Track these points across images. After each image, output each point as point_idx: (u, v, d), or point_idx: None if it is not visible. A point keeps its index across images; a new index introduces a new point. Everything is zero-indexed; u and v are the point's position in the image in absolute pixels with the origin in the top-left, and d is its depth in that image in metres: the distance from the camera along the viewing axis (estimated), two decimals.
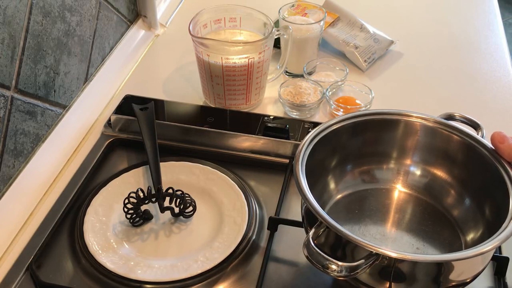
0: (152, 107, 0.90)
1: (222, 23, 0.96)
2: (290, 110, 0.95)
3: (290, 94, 0.95)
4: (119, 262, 0.71)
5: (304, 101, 0.94)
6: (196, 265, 0.71)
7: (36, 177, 0.80)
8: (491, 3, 1.30)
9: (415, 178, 0.77)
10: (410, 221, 0.74)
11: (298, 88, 0.95)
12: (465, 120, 0.76)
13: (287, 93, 0.96)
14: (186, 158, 0.85)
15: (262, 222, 0.78)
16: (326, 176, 0.75)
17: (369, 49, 1.06)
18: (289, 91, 0.96)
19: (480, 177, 0.70)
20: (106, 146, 0.88)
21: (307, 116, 0.95)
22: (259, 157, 0.87)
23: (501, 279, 0.70)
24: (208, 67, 0.90)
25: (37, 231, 0.75)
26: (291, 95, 0.95)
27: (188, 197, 0.76)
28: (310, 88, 0.96)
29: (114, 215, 0.77)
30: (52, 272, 0.71)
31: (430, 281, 0.61)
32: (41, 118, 0.81)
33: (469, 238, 0.70)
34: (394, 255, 0.57)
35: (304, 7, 1.04)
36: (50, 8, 0.79)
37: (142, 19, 1.12)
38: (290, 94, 0.95)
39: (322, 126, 0.72)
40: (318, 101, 0.94)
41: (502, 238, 0.59)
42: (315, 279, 0.71)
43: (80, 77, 0.92)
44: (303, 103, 0.93)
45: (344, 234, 0.58)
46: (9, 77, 0.73)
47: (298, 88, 0.95)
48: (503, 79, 1.06)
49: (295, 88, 0.96)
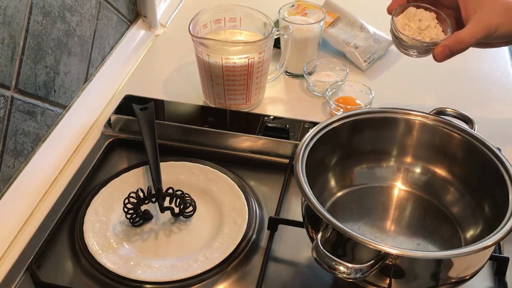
0: (152, 107, 0.90)
1: (222, 23, 0.96)
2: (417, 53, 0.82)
3: (411, 30, 0.81)
4: (119, 262, 0.71)
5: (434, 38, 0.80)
6: (196, 265, 0.71)
7: (36, 177, 0.80)
8: None
9: (415, 176, 0.77)
10: (410, 219, 0.74)
11: (416, 20, 0.81)
12: (457, 115, 0.77)
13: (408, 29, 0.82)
14: (186, 158, 0.85)
15: (262, 222, 0.78)
16: (326, 174, 0.75)
17: (369, 49, 1.06)
18: (405, 24, 0.82)
19: (480, 175, 0.70)
20: (106, 146, 0.88)
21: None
22: (259, 157, 0.87)
23: (501, 279, 0.70)
24: (208, 67, 0.90)
25: (37, 231, 0.75)
26: (412, 30, 0.81)
27: (188, 197, 0.76)
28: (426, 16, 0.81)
29: (114, 215, 0.77)
30: (52, 272, 0.71)
31: (430, 278, 0.61)
32: (41, 118, 0.81)
33: (468, 235, 0.70)
34: (412, 255, 0.58)
35: (304, 7, 1.04)
36: (50, 8, 0.80)
37: (142, 19, 1.12)
38: (410, 30, 0.81)
39: (322, 124, 0.72)
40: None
41: (501, 234, 0.59)
42: (315, 279, 0.71)
43: (80, 77, 0.92)
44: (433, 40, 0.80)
45: (353, 236, 0.58)
46: (9, 77, 0.73)
47: (416, 19, 0.81)
48: (503, 79, 1.06)
49: (411, 18, 0.82)
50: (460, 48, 0.76)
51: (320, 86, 0.99)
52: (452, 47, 0.76)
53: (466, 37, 0.75)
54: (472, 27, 0.75)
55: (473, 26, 0.75)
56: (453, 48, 0.76)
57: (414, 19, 0.80)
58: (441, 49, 0.77)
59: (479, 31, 0.75)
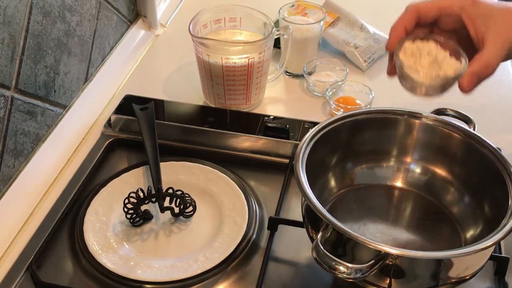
0: (152, 107, 0.90)
1: (222, 23, 0.96)
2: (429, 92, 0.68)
3: (425, 67, 0.67)
4: (119, 262, 0.71)
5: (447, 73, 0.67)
6: (196, 265, 0.71)
7: (36, 177, 0.80)
8: None
9: (415, 176, 0.77)
10: (410, 219, 0.74)
11: (425, 54, 0.68)
12: (457, 115, 0.76)
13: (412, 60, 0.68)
14: (186, 158, 0.85)
15: (262, 222, 0.78)
16: (326, 174, 0.75)
17: (369, 49, 1.06)
18: (415, 62, 0.68)
19: (480, 175, 0.70)
20: (106, 146, 0.88)
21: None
22: (259, 157, 0.87)
23: (501, 279, 0.70)
24: (208, 67, 0.90)
25: (37, 231, 0.75)
26: (427, 67, 0.67)
27: (188, 197, 0.76)
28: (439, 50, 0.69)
29: (114, 215, 0.77)
30: (52, 272, 0.71)
31: (430, 278, 0.61)
32: (41, 118, 0.81)
33: (468, 235, 0.70)
34: (413, 254, 0.58)
35: (304, 7, 1.04)
36: (50, 8, 0.79)
37: (142, 19, 1.12)
38: (424, 67, 0.67)
39: (322, 124, 0.72)
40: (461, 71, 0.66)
41: (501, 235, 0.59)
42: (315, 279, 0.71)
43: (80, 77, 0.92)
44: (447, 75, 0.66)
45: (353, 236, 0.58)
46: (9, 77, 0.73)
47: (424, 53, 0.68)
48: (503, 79, 1.06)
49: (418, 53, 0.68)
50: (488, 73, 0.66)
51: (320, 86, 0.99)
52: (480, 74, 0.65)
53: (492, 58, 0.65)
54: (493, 46, 0.65)
55: (494, 44, 0.65)
56: (482, 74, 0.66)
57: (423, 54, 0.67)
58: (469, 79, 0.65)
59: (501, 49, 0.65)
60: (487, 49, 0.65)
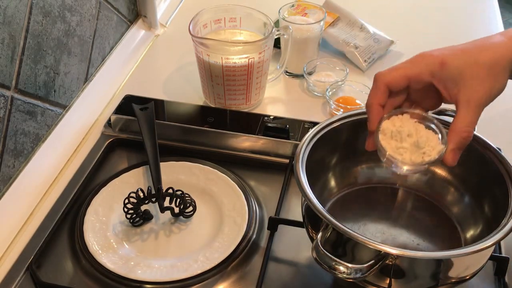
0: (152, 107, 0.90)
1: (222, 23, 0.96)
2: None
3: (408, 151, 0.65)
4: (119, 262, 0.71)
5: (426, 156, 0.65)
6: (196, 265, 0.71)
7: (36, 177, 0.80)
8: (491, 3, 1.30)
9: (415, 176, 0.77)
10: (410, 219, 0.74)
11: (405, 136, 0.65)
12: None
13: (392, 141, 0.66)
14: (186, 158, 0.85)
15: (262, 222, 0.78)
16: (326, 174, 0.75)
17: (369, 49, 1.06)
18: (398, 147, 0.66)
19: (480, 175, 0.70)
20: (106, 146, 0.88)
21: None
22: (259, 157, 0.87)
23: (501, 279, 0.71)
24: (208, 67, 0.90)
25: (37, 231, 0.75)
26: (410, 150, 0.65)
27: (188, 197, 0.76)
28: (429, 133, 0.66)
29: (114, 215, 0.77)
30: (52, 272, 0.71)
31: (430, 278, 0.61)
32: (41, 118, 0.81)
33: (468, 235, 0.70)
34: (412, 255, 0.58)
35: (304, 7, 1.04)
36: (50, 8, 0.79)
37: (142, 19, 1.12)
38: (407, 151, 0.65)
39: (322, 124, 0.72)
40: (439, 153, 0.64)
41: (501, 235, 0.59)
42: (315, 279, 0.71)
43: (80, 77, 0.92)
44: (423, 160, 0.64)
45: (353, 236, 0.58)
46: (9, 77, 0.73)
47: (405, 135, 0.65)
48: None
49: (398, 135, 0.66)
50: (468, 140, 0.63)
51: (320, 86, 0.99)
52: (461, 145, 0.63)
53: (468, 125, 0.62)
54: (466, 113, 0.62)
55: (467, 109, 0.62)
56: (462, 146, 0.63)
57: (403, 137, 0.65)
58: (452, 155, 0.63)
59: (474, 112, 0.62)
60: (461, 116, 0.62)
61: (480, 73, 0.62)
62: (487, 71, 0.62)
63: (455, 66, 0.62)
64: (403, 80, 0.65)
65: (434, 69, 0.63)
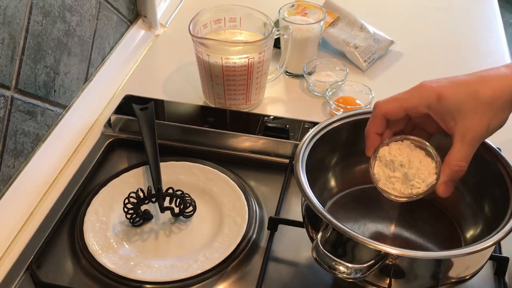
0: (152, 107, 0.90)
1: (222, 23, 0.96)
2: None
3: (399, 181, 0.66)
4: (119, 262, 0.71)
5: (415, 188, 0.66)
6: (196, 265, 0.71)
7: (36, 177, 0.80)
8: (491, 3, 1.30)
9: None
10: (410, 219, 0.74)
11: (398, 165, 0.66)
12: None
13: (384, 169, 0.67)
14: (186, 158, 0.85)
15: (262, 222, 0.78)
16: (326, 174, 0.75)
17: (369, 49, 1.06)
18: (389, 176, 0.67)
19: (480, 175, 0.70)
20: (106, 146, 0.88)
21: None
22: (259, 157, 0.87)
23: (501, 279, 0.70)
24: (208, 67, 0.90)
25: (37, 231, 0.75)
26: (401, 181, 0.66)
27: (188, 197, 0.76)
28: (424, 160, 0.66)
29: (114, 215, 0.77)
30: (52, 272, 0.71)
31: (430, 278, 0.61)
32: (41, 118, 0.81)
33: (468, 235, 0.70)
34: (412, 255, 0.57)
35: (304, 7, 1.04)
36: (50, 8, 0.79)
37: (142, 19, 1.12)
38: (398, 181, 0.66)
39: (322, 124, 0.72)
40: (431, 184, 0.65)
41: (501, 235, 0.59)
42: (315, 279, 0.71)
43: (80, 77, 0.92)
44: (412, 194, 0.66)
45: (353, 236, 0.58)
46: (9, 77, 0.73)
47: (397, 164, 0.66)
48: None
49: (391, 165, 0.67)
50: (461, 174, 0.63)
51: (320, 86, 0.99)
52: (454, 178, 0.63)
53: (462, 159, 0.62)
54: (460, 147, 0.62)
55: (461, 145, 0.62)
56: (455, 179, 0.63)
57: (396, 166, 0.66)
58: (445, 187, 0.63)
59: (469, 147, 0.62)
60: (455, 150, 0.62)
61: (479, 108, 0.61)
62: (487, 106, 0.61)
63: (453, 100, 0.61)
64: (400, 111, 0.65)
65: (431, 102, 0.62)
